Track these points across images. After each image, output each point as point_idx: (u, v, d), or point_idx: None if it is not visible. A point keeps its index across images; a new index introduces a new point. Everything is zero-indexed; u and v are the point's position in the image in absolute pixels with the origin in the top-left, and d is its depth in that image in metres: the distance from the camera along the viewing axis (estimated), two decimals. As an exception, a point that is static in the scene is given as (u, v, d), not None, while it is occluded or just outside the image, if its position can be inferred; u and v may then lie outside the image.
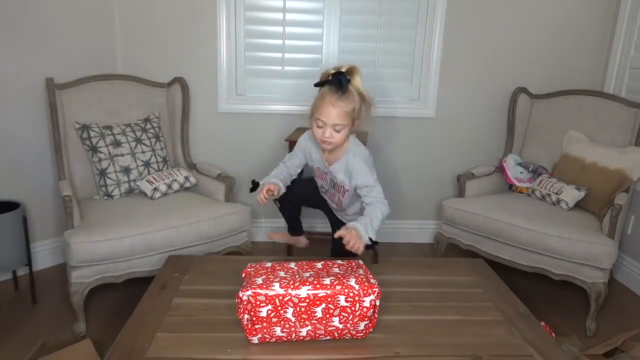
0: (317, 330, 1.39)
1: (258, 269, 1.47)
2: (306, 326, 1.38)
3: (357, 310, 1.37)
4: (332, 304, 1.36)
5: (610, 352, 1.99)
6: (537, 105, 2.95)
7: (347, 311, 1.37)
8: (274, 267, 1.48)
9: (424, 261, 2.18)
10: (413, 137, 3.05)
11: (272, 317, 1.36)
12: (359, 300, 1.36)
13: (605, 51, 2.97)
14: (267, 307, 1.35)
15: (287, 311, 1.36)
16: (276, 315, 1.36)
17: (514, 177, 2.79)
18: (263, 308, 1.35)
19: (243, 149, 3.00)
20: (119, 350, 1.35)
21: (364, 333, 1.43)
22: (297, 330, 1.38)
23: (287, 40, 2.88)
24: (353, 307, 1.37)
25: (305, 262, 1.55)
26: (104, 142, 2.41)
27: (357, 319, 1.38)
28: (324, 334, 1.40)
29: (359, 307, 1.37)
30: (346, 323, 1.38)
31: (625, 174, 2.39)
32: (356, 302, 1.36)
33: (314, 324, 1.38)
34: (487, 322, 1.57)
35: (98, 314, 2.21)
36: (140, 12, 2.77)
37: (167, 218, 2.20)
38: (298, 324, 1.37)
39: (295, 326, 1.38)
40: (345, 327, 1.39)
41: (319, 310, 1.36)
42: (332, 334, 1.40)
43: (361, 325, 1.40)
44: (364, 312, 1.37)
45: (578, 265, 2.21)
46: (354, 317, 1.38)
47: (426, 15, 2.89)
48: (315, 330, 1.39)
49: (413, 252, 3.04)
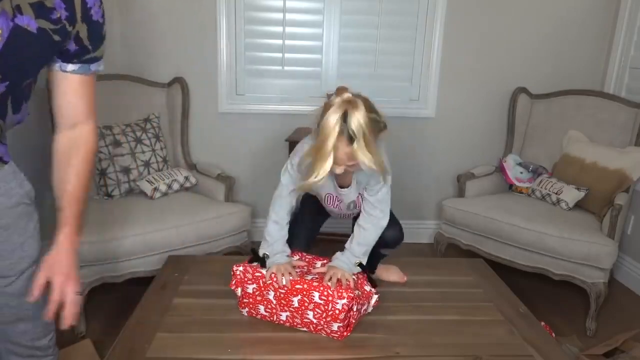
0: (294, 318, 1.47)
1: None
2: (285, 311, 1.47)
3: (330, 310, 1.41)
4: (307, 298, 1.43)
5: (610, 352, 1.99)
6: (537, 105, 2.95)
7: (321, 309, 1.42)
8: None
9: (424, 261, 2.18)
10: (413, 137, 3.05)
11: (257, 295, 1.49)
12: (331, 301, 1.41)
13: (605, 51, 2.97)
14: (253, 285, 1.49)
15: (269, 293, 1.47)
16: (260, 294, 1.49)
17: (514, 177, 2.79)
18: (249, 285, 1.50)
19: (243, 149, 3.00)
20: (119, 350, 1.35)
21: (338, 334, 1.44)
22: (277, 313, 1.48)
23: (287, 40, 2.88)
24: (326, 306, 1.41)
25: (312, 257, 1.62)
26: (104, 142, 2.41)
27: (330, 319, 1.42)
28: (301, 323, 1.47)
29: (331, 308, 1.41)
30: (320, 319, 1.43)
31: (625, 174, 2.39)
32: (329, 302, 1.41)
33: (291, 311, 1.46)
34: (487, 322, 1.57)
35: (98, 314, 2.21)
36: (140, 12, 2.77)
37: (167, 218, 2.20)
38: (278, 307, 1.47)
39: (276, 309, 1.48)
40: (319, 323, 1.44)
41: (295, 300, 1.44)
42: (307, 326, 1.46)
43: (334, 326, 1.43)
44: (335, 313, 1.40)
45: (578, 265, 2.21)
46: (326, 315, 1.42)
47: (426, 15, 2.89)
48: (293, 318, 1.47)
49: (413, 252, 3.04)
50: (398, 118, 2.98)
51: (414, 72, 2.99)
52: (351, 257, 1.54)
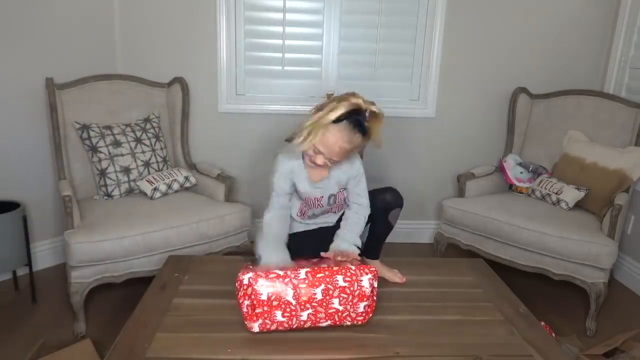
0: (317, 314, 1.40)
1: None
2: (307, 309, 1.39)
3: (356, 290, 1.39)
4: (331, 284, 1.39)
5: (610, 352, 1.99)
6: (537, 105, 2.95)
7: (346, 292, 1.39)
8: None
9: (424, 261, 2.18)
10: (413, 137, 3.05)
11: (273, 299, 1.37)
12: (357, 280, 1.40)
13: (605, 51, 2.97)
14: (268, 289, 1.36)
15: (287, 293, 1.37)
16: (277, 298, 1.37)
17: (514, 177, 2.79)
18: (264, 290, 1.36)
19: (243, 149, 2.99)
20: (119, 350, 1.35)
21: (363, 317, 1.44)
22: (298, 314, 1.39)
23: (287, 40, 2.88)
24: (352, 286, 1.39)
25: (310, 262, 1.58)
26: (104, 142, 2.41)
27: (357, 299, 1.40)
28: (325, 317, 1.41)
29: (357, 287, 1.40)
30: (346, 304, 1.40)
31: (625, 174, 2.39)
32: (354, 281, 1.40)
33: (314, 307, 1.39)
34: (487, 322, 1.57)
35: (98, 314, 2.21)
36: (140, 12, 2.77)
37: (167, 218, 2.20)
38: (299, 307, 1.38)
39: (296, 310, 1.39)
40: (345, 308, 1.41)
41: (318, 292, 1.38)
42: (332, 317, 1.42)
43: (361, 307, 1.42)
44: (362, 291, 1.40)
45: (578, 265, 2.21)
46: (353, 297, 1.40)
47: (426, 15, 2.89)
48: (316, 314, 1.40)
49: (413, 252, 3.04)
50: (398, 118, 2.98)
51: (414, 72, 2.99)
52: (350, 239, 1.70)
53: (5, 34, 2.34)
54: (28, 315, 2.21)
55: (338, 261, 1.57)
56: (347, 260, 1.57)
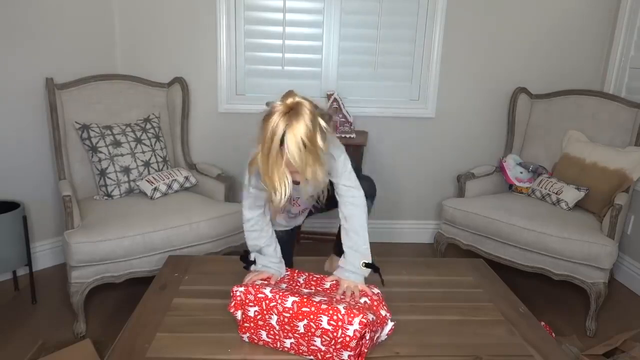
0: (300, 346, 1.34)
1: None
2: (289, 338, 1.35)
3: (339, 337, 1.27)
4: (314, 323, 1.30)
5: (610, 352, 1.99)
6: (537, 105, 2.95)
7: (329, 335, 1.29)
8: (282, 279, 1.51)
9: (424, 261, 2.18)
10: (413, 137, 3.05)
11: (259, 319, 1.37)
12: (342, 327, 1.27)
13: (605, 51, 2.97)
14: (255, 307, 1.37)
15: (271, 317, 1.35)
16: (262, 319, 1.36)
17: (514, 177, 2.78)
18: (251, 308, 1.37)
19: (243, 149, 2.97)
20: (119, 350, 1.35)
21: None
22: (281, 339, 1.36)
23: (287, 40, 2.88)
24: (335, 332, 1.28)
25: (317, 277, 1.54)
26: (104, 142, 2.41)
27: (340, 347, 1.28)
28: (307, 352, 1.33)
29: (341, 334, 1.27)
30: (328, 347, 1.30)
31: (625, 174, 2.39)
32: (339, 327, 1.28)
33: (296, 338, 1.33)
34: (487, 322, 1.57)
35: (98, 314, 2.21)
36: (140, 12, 2.77)
37: (167, 218, 2.20)
38: (282, 333, 1.35)
39: (279, 335, 1.36)
40: (328, 351, 1.31)
41: (301, 326, 1.31)
42: (315, 354, 1.33)
43: (344, 355, 1.30)
44: (346, 340, 1.27)
45: (578, 265, 2.21)
46: (336, 343, 1.29)
47: (426, 15, 2.89)
48: (299, 345, 1.34)
49: (413, 252, 3.04)
50: (398, 118, 2.98)
51: (414, 72, 2.99)
52: (354, 260, 1.49)
53: (6, 34, 2.34)
54: (28, 315, 2.21)
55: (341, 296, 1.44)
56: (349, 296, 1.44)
